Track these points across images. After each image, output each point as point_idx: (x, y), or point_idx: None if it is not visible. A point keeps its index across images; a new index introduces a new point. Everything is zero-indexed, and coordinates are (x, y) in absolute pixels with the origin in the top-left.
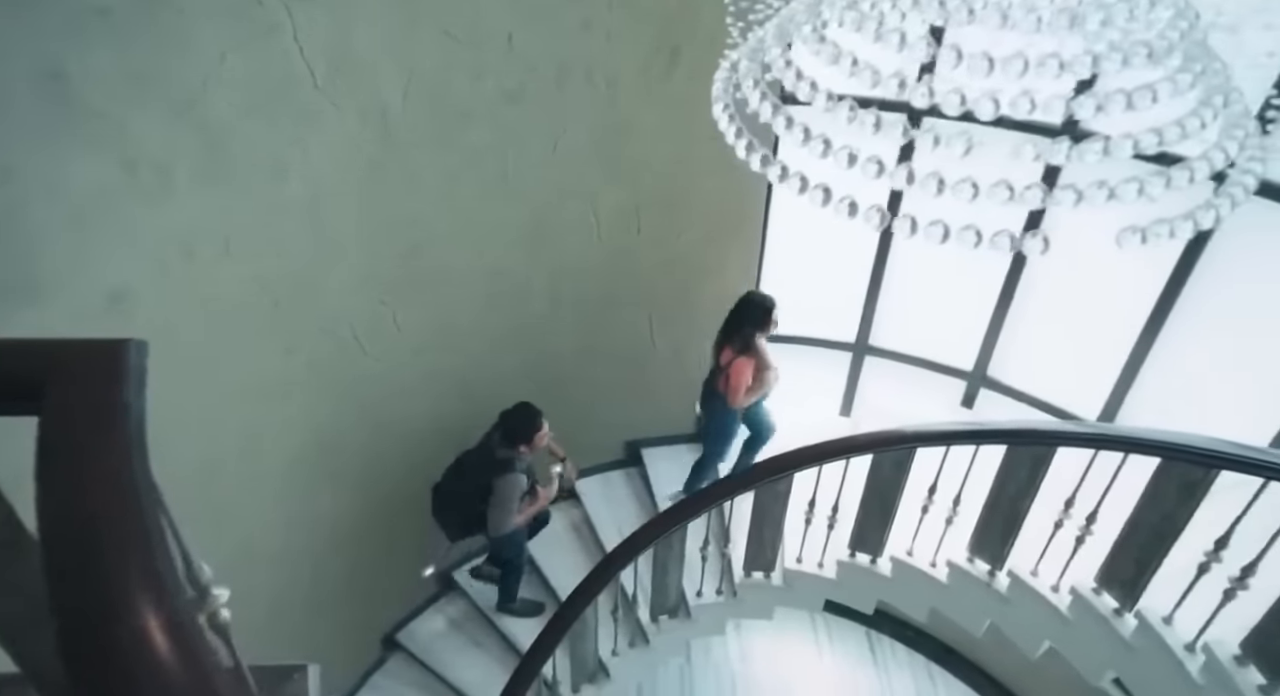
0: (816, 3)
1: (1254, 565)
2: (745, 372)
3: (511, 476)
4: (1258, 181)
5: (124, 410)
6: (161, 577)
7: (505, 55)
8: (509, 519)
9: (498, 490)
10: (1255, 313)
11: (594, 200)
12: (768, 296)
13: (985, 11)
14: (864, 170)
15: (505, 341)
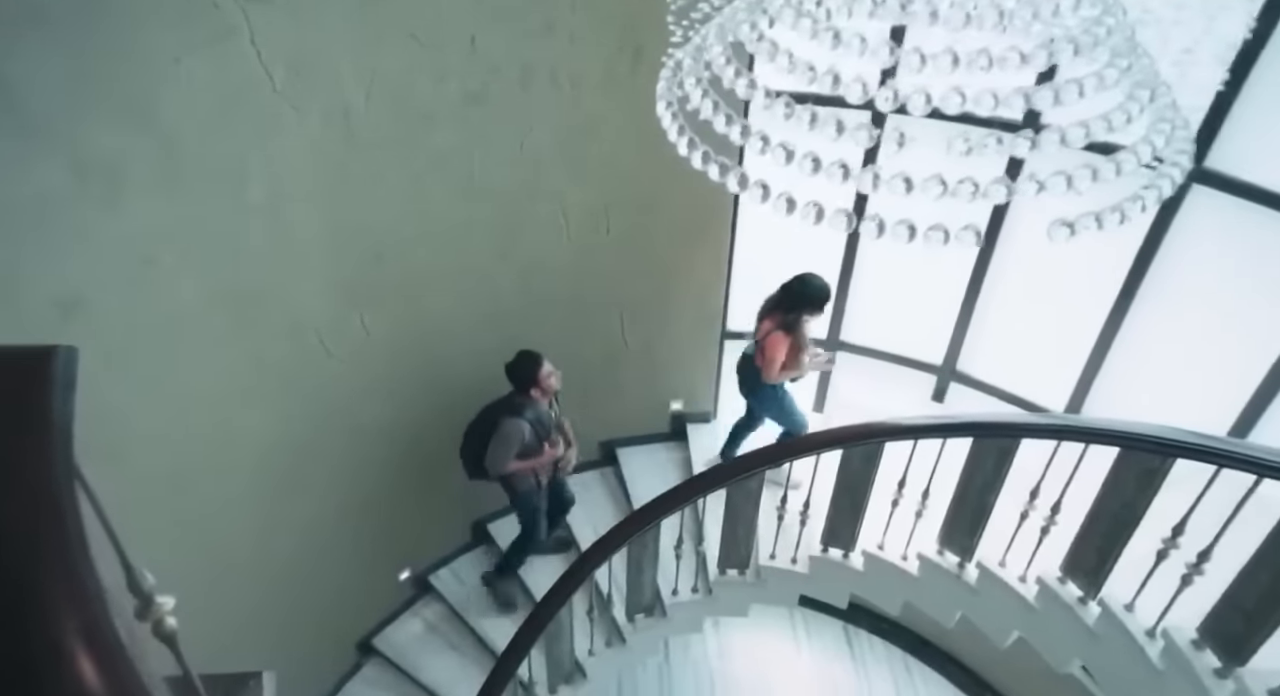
0: (757, 2)
1: (1209, 551)
2: (781, 348)
3: (514, 420)
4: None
5: (47, 417)
6: (81, 587)
7: (468, 57)
8: (504, 461)
9: (498, 429)
10: (1213, 304)
11: (562, 200)
12: (827, 284)
13: (916, 8)
14: (829, 175)
15: (476, 343)
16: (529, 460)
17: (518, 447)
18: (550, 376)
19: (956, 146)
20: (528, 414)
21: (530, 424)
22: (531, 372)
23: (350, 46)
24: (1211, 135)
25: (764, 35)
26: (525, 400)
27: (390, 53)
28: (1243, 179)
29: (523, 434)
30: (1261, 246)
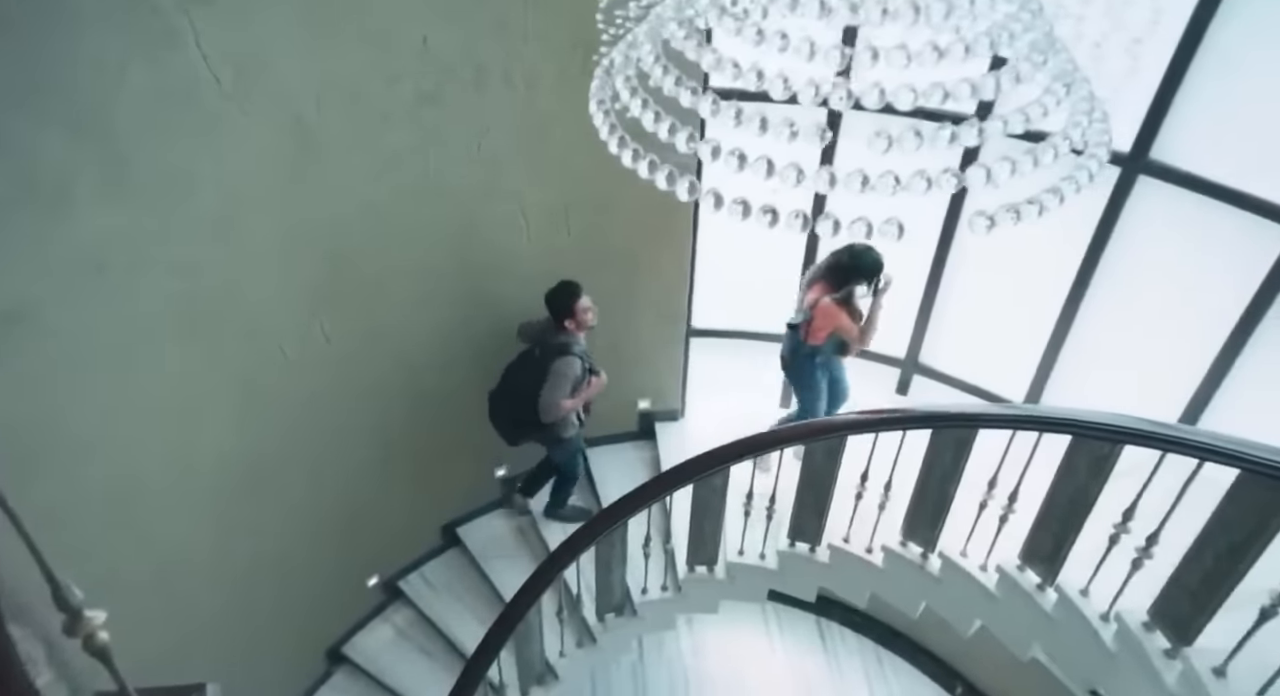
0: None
1: (1156, 535)
2: (834, 318)
3: (567, 357)
4: (1101, 165)
5: None
6: None
7: (421, 57)
8: (560, 400)
9: (553, 371)
10: (1162, 293)
11: (521, 201)
12: (879, 255)
13: (837, 4)
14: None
15: (441, 345)
16: (579, 396)
17: (572, 385)
18: (587, 310)
19: (908, 141)
20: (575, 349)
21: (580, 358)
22: (568, 303)
23: (299, 48)
24: (1155, 128)
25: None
26: (567, 337)
27: (341, 54)
28: (1185, 170)
29: (576, 370)
30: (1204, 235)
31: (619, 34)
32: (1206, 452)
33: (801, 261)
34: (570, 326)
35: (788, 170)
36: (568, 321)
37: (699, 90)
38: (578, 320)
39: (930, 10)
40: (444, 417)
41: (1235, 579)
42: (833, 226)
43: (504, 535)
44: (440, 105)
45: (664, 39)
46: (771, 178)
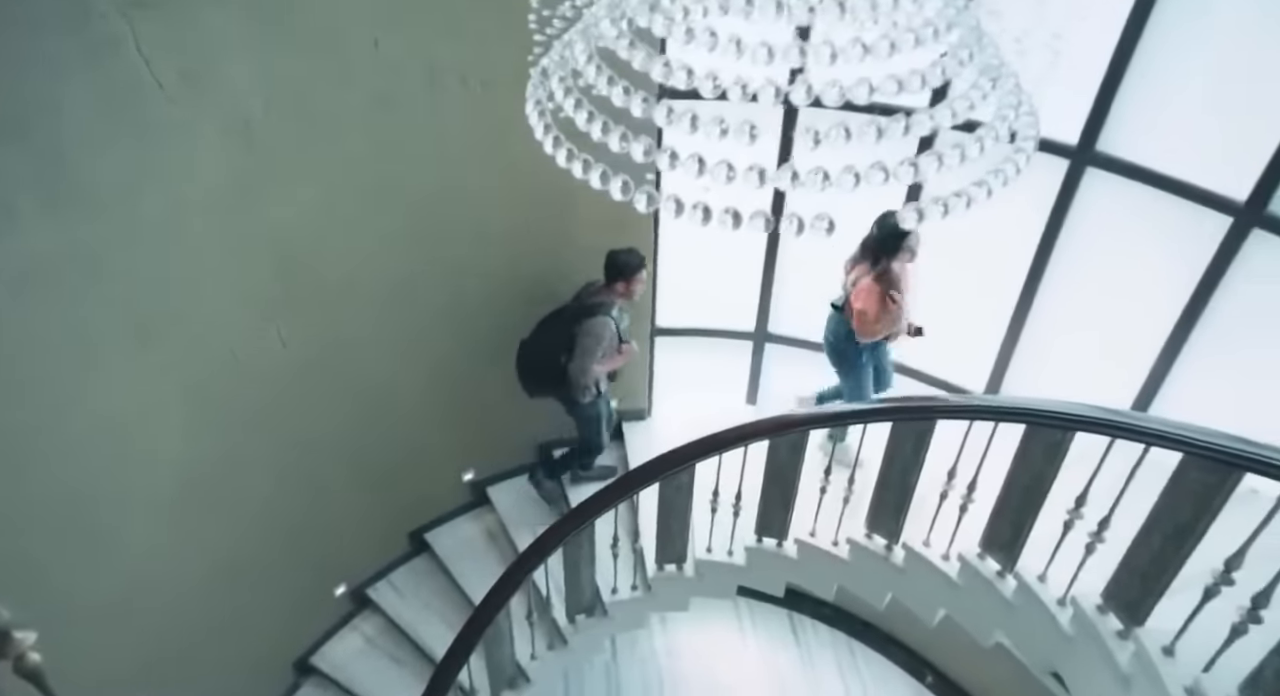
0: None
1: (1107, 519)
2: (870, 299)
3: (601, 318)
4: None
5: None
6: None
7: (373, 59)
8: (591, 363)
9: (586, 331)
10: (1113, 282)
11: (482, 203)
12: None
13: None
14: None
15: (403, 350)
16: (608, 362)
17: (605, 347)
18: (641, 282)
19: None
20: (612, 313)
21: (614, 322)
22: (635, 266)
23: (246, 52)
24: (1100, 120)
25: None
26: (607, 299)
27: (289, 57)
28: (1130, 161)
29: (610, 331)
30: (1151, 225)
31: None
32: (1152, 437)
33: (763, 258)
34: (620, 289)
35: (750, 172)
36: (620, 284)
37: (650, 99)
38: (630, 288)
39: (878, 6)
40: (408, 423)
41: (1181, 560)
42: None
43: (473, 539)
44: (394, 108)
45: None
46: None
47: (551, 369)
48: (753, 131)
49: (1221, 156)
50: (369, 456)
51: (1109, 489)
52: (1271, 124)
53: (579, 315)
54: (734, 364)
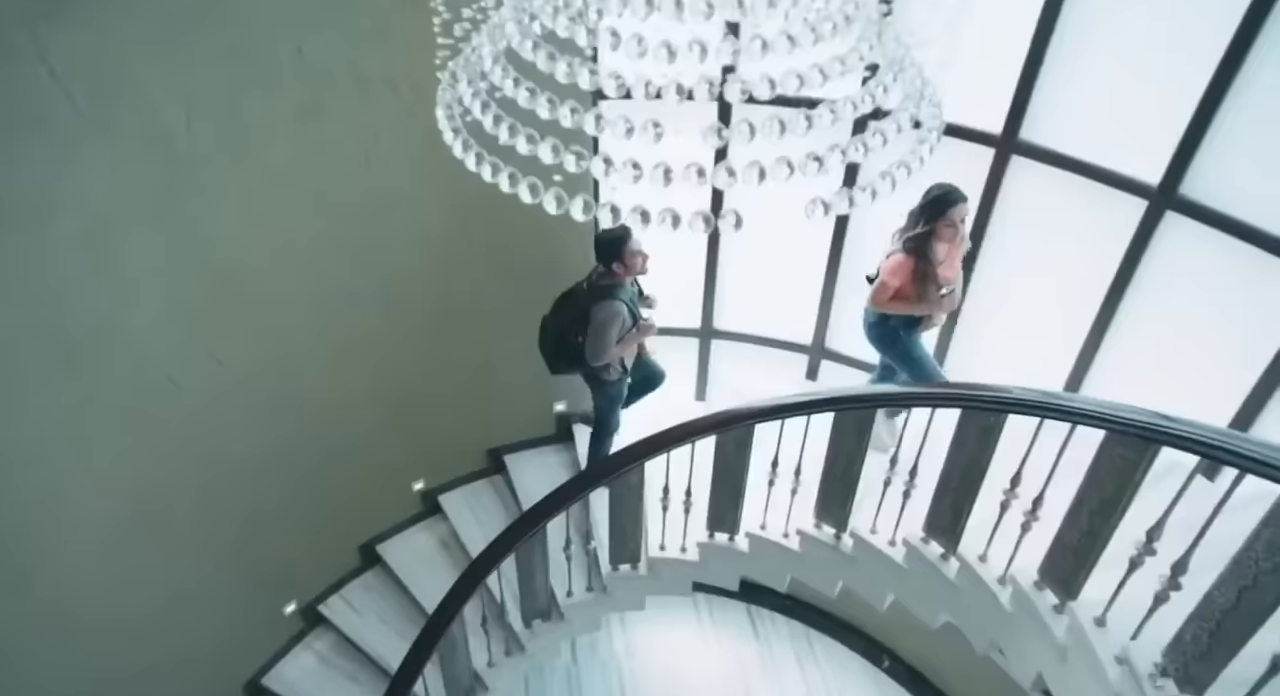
0: (522, 9)
1: (1040, 497)
2: (898, 273)
3: (609, 303)
4: (932, 150)
5: None
6: None
7: (298, 68)
8: (604, 347)
9: (594, 316)
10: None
11: (419, 210)
12: (947, 188)
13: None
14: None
15: (343, 361)
16: (626, 342)
17: (618, 331)
18: (637, 255)
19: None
20: (621, 295)
21: (626, 304)
22: (618, 244)
23: (162, 62)
24: (1022, 109)
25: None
26: (614, 281)
27: (210, 68)
28: (1052, 148)
29: (621, 316)
30: (1073, 210)
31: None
32: (1077, 416)
33: (705, 254)
34: (619, 271)
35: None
36: (616, 265)
37: (580, 107)
38: (627, 265)
39: (754, 5)
40: (353, 435)
41: (1108, 534)
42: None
43: (426, 549)
44: (323, 115)
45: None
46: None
47: (568, 347)
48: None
49: (1135, 141)
50: (314, 471)
51: (1043, 469)
52: (1180, 108)
53: (591, 297)
54: (681, 361)
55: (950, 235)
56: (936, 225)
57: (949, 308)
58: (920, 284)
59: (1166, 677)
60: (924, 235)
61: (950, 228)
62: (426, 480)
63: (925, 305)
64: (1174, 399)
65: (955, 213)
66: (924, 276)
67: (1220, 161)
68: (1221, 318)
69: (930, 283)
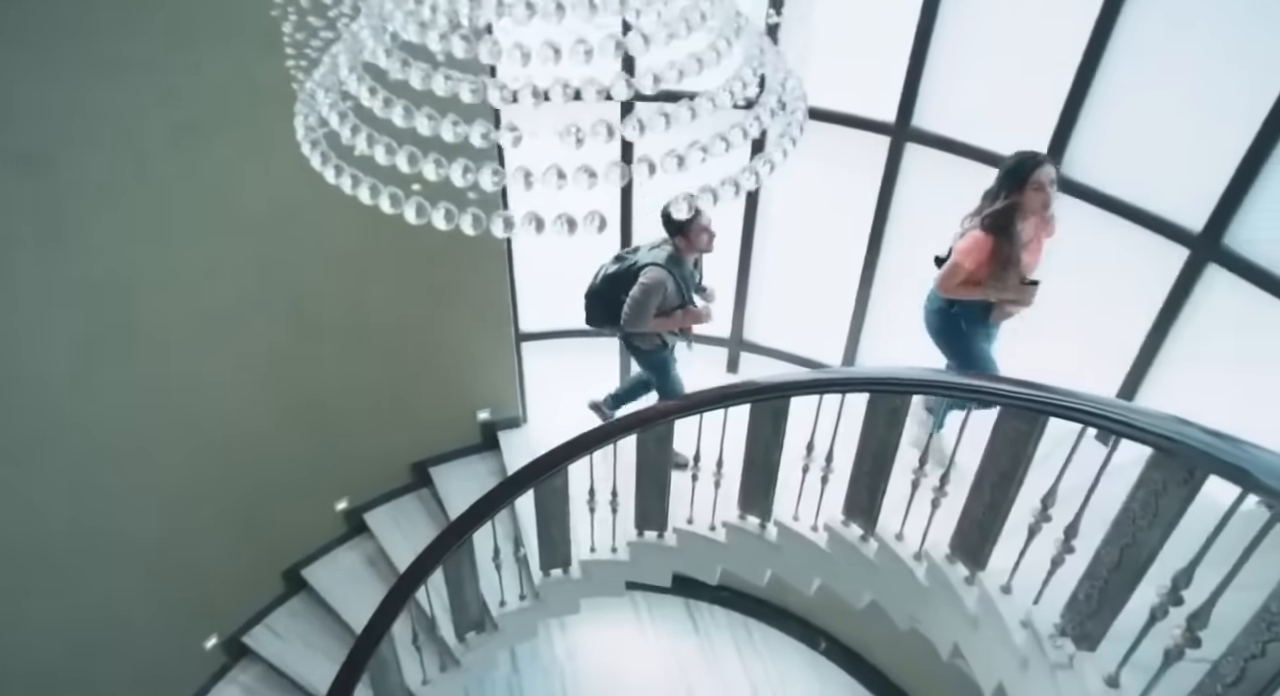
0: (379, 20)
1: (947, 473)
2: (974, 252)
3: (656, 270)
4: (802, 131)
5: None
6: None
7: (195, 82)
8: (642, 314)
9: (641, 279)
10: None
11: (325, 223)
12: (1033, 151)
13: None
14: (575, 182)
15: (256, 384)
16: (668, 319)
17: (658, 300)
18: (703, 232)
19: (683, 116)
20: (673, 268)
21: (674, 276)
22: (685, 221)
23: (38, 78)
24: (913, 97)
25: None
26: (673, 253)
27: (89, 85)
28: (942, 134)
29: (664, 286)
30: (964, 194)
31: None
32: (972, 392)
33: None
34: (682, 245)
35: (579, 174)
36: (679, 239)
37: (461, 122)
38: (691, 240)
39: (606, 4)
40: (268, 460)
41: (1009, 505)
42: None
43: (353, 569)
44: (221, 130)
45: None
46: (565, 187)
47: (608, 301)
48: (578, 134)
49: (1019, 125)
50: (230, 499)
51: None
52: (1057, 88)
53: (645, 261)
54: (603, 362)
55: (1039, 203)
56: (1022, 195)
57: (1028, 301)
58: (998, 268)
59: (1065, 637)
60: (1007, 209)
61: (1039, 193)
62: (350, 499)
63: (998, 289)
64: (1070, 372)
65: (1042, 174)
66: (1005, 260)
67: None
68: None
69: (1011, 267)
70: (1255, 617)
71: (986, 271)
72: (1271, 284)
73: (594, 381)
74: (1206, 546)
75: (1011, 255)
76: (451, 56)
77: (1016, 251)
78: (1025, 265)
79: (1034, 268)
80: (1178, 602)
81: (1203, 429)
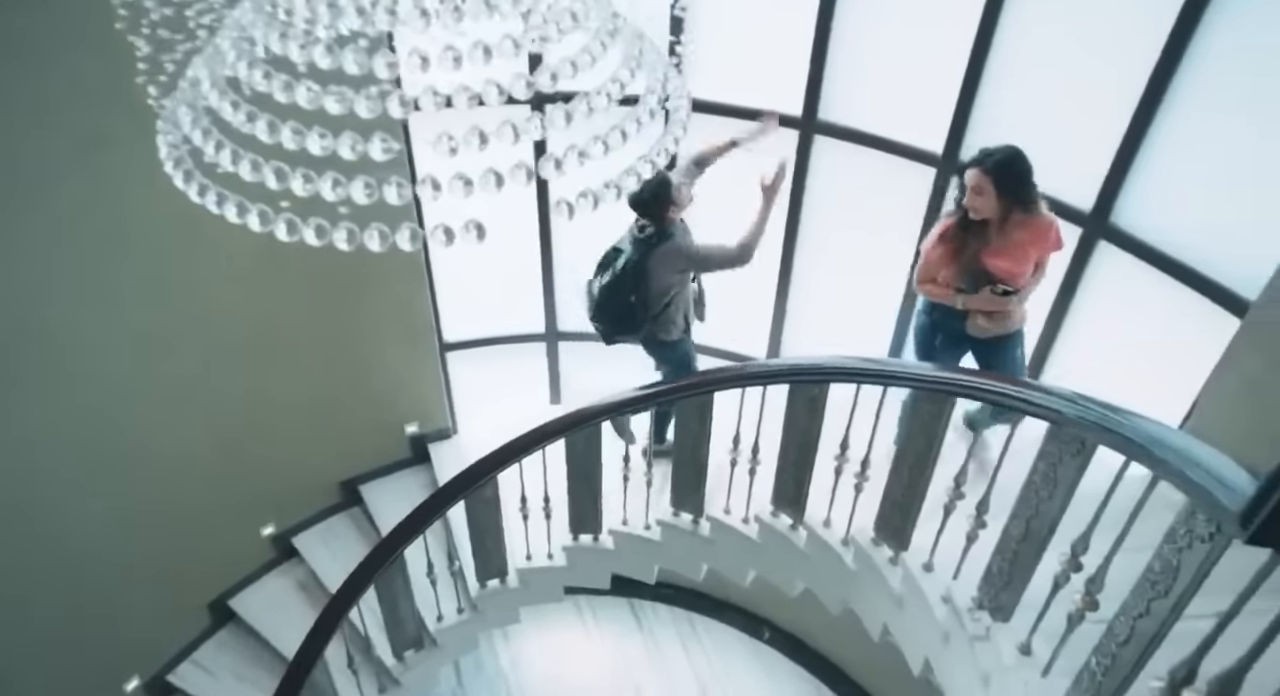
0: (239, 34)
1: (867, 458)
2: (931, 236)
3: (670, 242)
4: (685, 129)
5: None
6: None
7: (81, 96)
8: (722, 250)
9: (661, 257)
10: (852, 240)
11: (228, 241)
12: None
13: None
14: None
15: (168, 412)
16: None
17: (696, 244)
18: (682, 187)
19: (596, 106)
20: (678, 236)
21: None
22: (665, 192)
23: None
24: (817, 91)
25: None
26: (663, 227)
27: None
28: (849, 126)
29: (688, 240)
30: (875, 184)
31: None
32: (887, 378)
33: (539, 258)
34: (672, 214)
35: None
36: (669, 212)
37: (239, 105)
38: (677, 201)
39: (500, 6)
40: (187, 490)
41: (925, 485)
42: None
43: (284, 595)
44: (111, 146)
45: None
46: (472, 193)
47: (624, 309)
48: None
49: (923, 113)
50: (148, 532)
51: (867, 432)
52: (954, 75)
53: (643, 248)
54: (532, 367)
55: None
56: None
57: (998, 308)
58: (956, 262)
59: (982, 610)
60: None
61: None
62: (277, 523)
63: (953, 294)
64: None
65: (967, 178)
66: (956, 249)
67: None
68: None
69: (971, 263)
70: (1141, 578)
71: (936, 257)
72: (1155, 258)
73: (523, 387)
74: (1099, 513)
75: (964, 247)
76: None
77: (973, 243)
78: (1003, 272)
79: (1019, 278)
80: (1078, 569)
81: (1098, 402)
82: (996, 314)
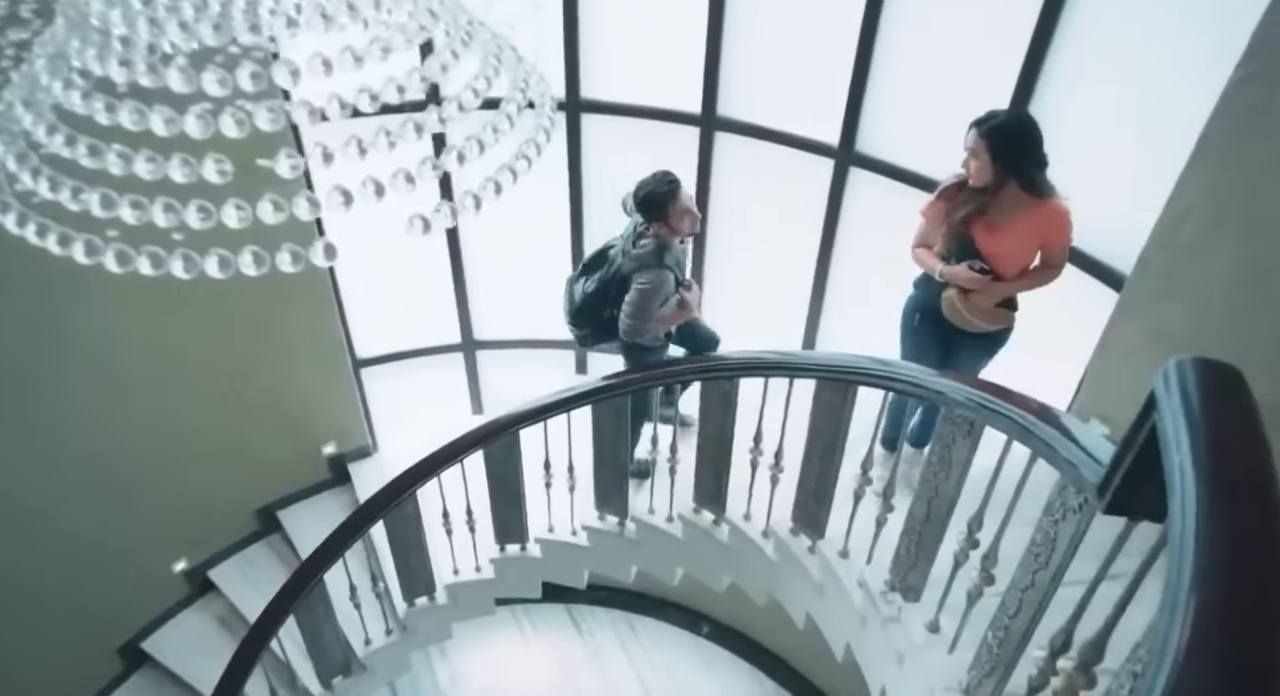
0: (58, 55)
1: (781, 450)
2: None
3: (652, 271)
4: (553, 124)
5: None
6: None
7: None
8: (646, 321)
9: (635, 289)
10: (763, 237)
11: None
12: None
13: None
14: (395, 188)
15: (58, 451)
16: (673, 316)
17: (660, 301)
18: (685, 214)
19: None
20: (667, 259)
21: (671, 270)
22: (665, 196)
23: None
24: (714, 87)
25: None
26: (658, 243)
27: None
28: (748, 121)
29: (666, 287)
30: (776, 176)
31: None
32: (790, 369)
33: (450, 268)
34: (663, 231)
35: (398, 180)
36: (659, 226)
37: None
38: (674, 225)
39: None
40: (87, 532)
41: (835, 472)
42: (450, 214)
43: (202, 631)
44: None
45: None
46: (383, 195)
47: (600, 318)
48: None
49: (818, 104)
50: (46, 580)
51: (778, 423)
52: (844, 66)
53: (633, 264)
54: (450, 378)
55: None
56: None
57: (974, 286)
58: (946, 224)
59: (894, 592)
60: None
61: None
62: (189, 558)
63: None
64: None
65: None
66: (945, 211)
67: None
68: None
69: (959, 228)
70: (1025, 551)
71: (932, 216)
72: (900, 174)
73: (443, 399)
74: (989, 493)
75: (952, 210)
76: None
77: (967, 209)
78: (990, 250)
79: (1006, 263)
80: (974, 546)
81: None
82: (971, 299)
